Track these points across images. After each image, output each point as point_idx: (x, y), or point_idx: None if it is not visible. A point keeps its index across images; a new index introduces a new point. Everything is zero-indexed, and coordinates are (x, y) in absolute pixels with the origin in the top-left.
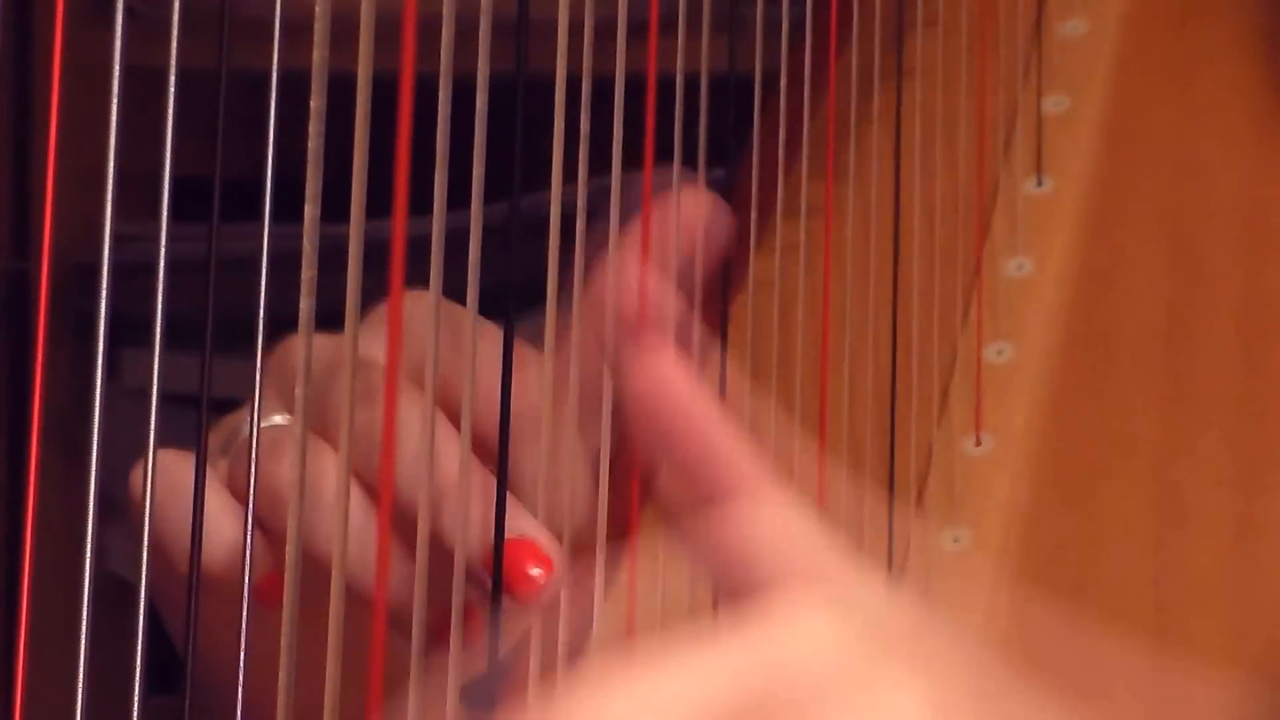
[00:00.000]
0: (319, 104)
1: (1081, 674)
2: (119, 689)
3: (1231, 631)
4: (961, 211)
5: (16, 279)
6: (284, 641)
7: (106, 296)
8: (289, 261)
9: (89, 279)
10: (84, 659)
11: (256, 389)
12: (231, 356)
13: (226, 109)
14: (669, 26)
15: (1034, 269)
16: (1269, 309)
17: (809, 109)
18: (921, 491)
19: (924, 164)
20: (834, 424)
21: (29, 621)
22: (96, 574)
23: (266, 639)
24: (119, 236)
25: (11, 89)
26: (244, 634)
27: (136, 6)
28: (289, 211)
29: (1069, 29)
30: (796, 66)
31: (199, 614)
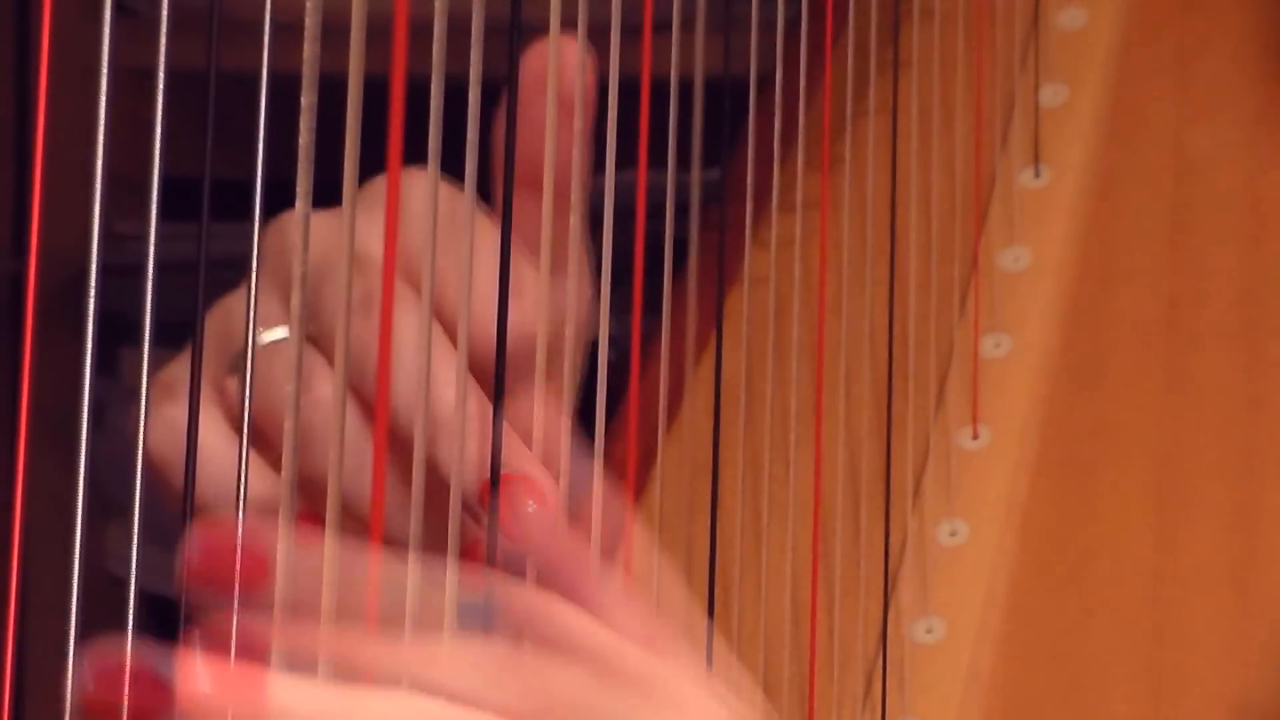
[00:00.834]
0: (310, 100)
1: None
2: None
3: (1231, 623)
4: (959, 203)
5: (16, 279)
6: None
7: (97, 295)
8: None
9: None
10: (73, 657)
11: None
12: None
13: (217, 108)
14: (663, 24)
15: (1031, 261)
16: (1267, 300)
17: (804, 102)
18: (918, 484)
19: (920, 156)
20: (831, 417)
21: (18, 621)
22: (92, 572)
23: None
24: (120, 236)
25: (11, 89)
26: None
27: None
28: (280, 211)
29: (1067, 19)
30: (792, 59)
31: None
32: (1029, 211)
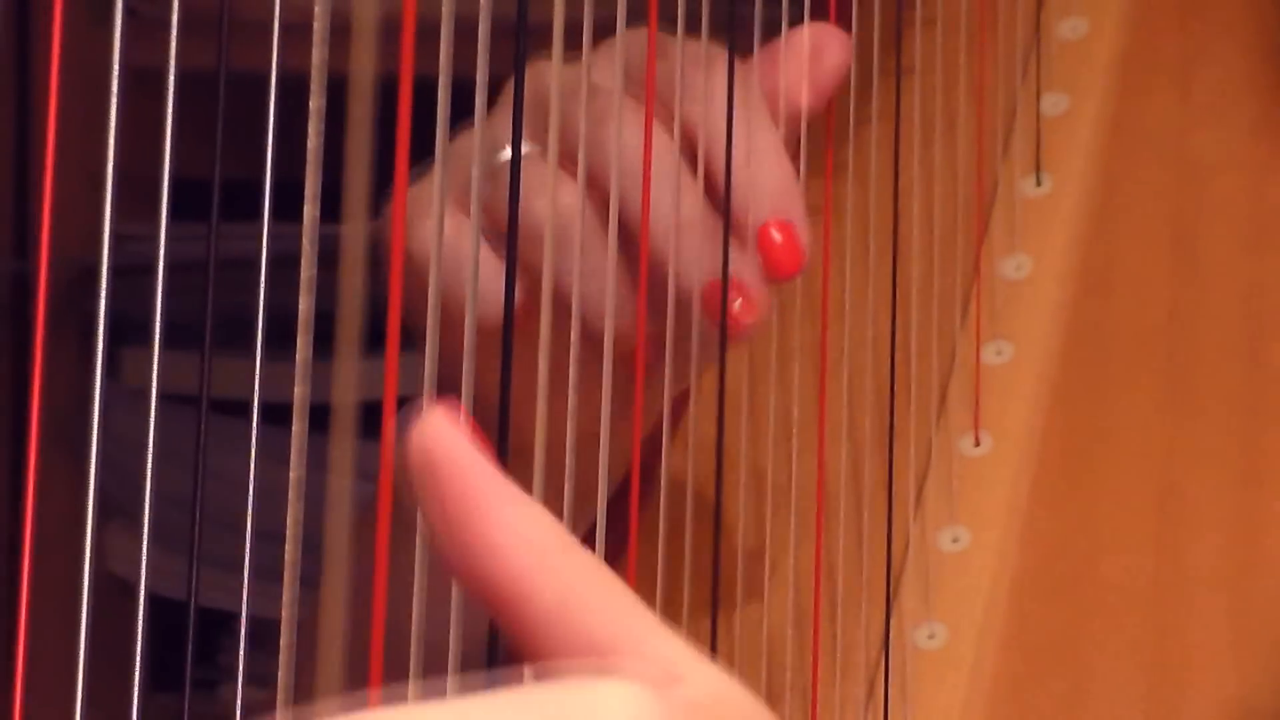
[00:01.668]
0: (318, 104)
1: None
2: (118, 688)
3: (1232, 630)
4: (960, 211)
5: (17, 279)
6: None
7: (106, 297)
8: (289, 261)
9: (90, 280)
10: (83, 658)
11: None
12: (231, 356)
13: (226, 109)
14: (668, 27)
15: (1033, 269)
16: (1269, 307)
17: None
18: (920, 492)
19: (923, 163)
20: (833, 424)
21: (28, 621)
22: (96, 574)
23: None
24: (120, 237)
25: (12, 89)
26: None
27: (137, 5)
28: (289, 211)
29: (1068, 28)
30: None
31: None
32: (1030, 220)
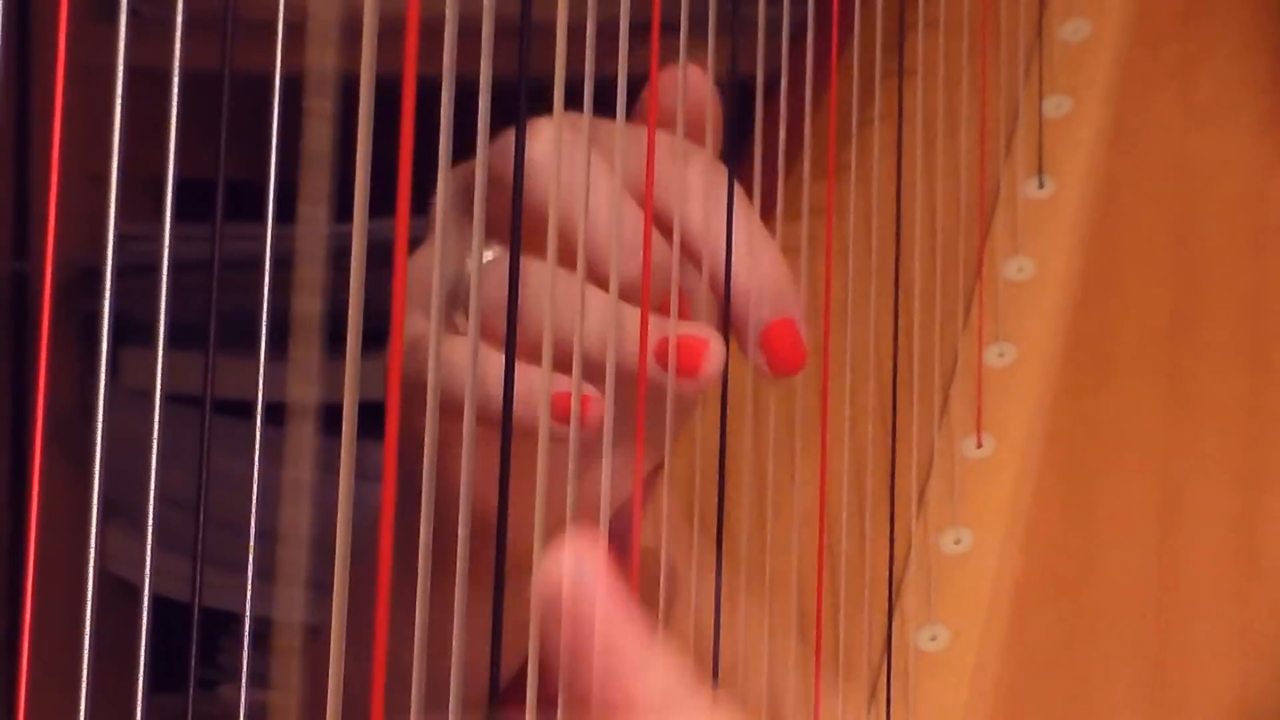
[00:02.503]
0: (320, 105)
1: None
2: (122, 689)
3: (1233, 632)
4: (963, 213)
5: (16, 279)
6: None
7: (110, 298)
8: (292, 262)
9: (91, 280)
10: (87, 659)
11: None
12: (234, 357)
13: (230, 109)
14: (671, 27)
15: (1035, 271)
16: (1271, 310)
17: (810, 109)
18: (922, 493)
19: (925, 165)
20: (835, 425)
21: (32, 622)
22: (99, 575)
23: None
24: (121, 237)
25: (11, 89)
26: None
27: (140, 6)
28: (292, 212)
29: (1070, 30)
30: (798, 67)
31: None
32: (1033, 222)
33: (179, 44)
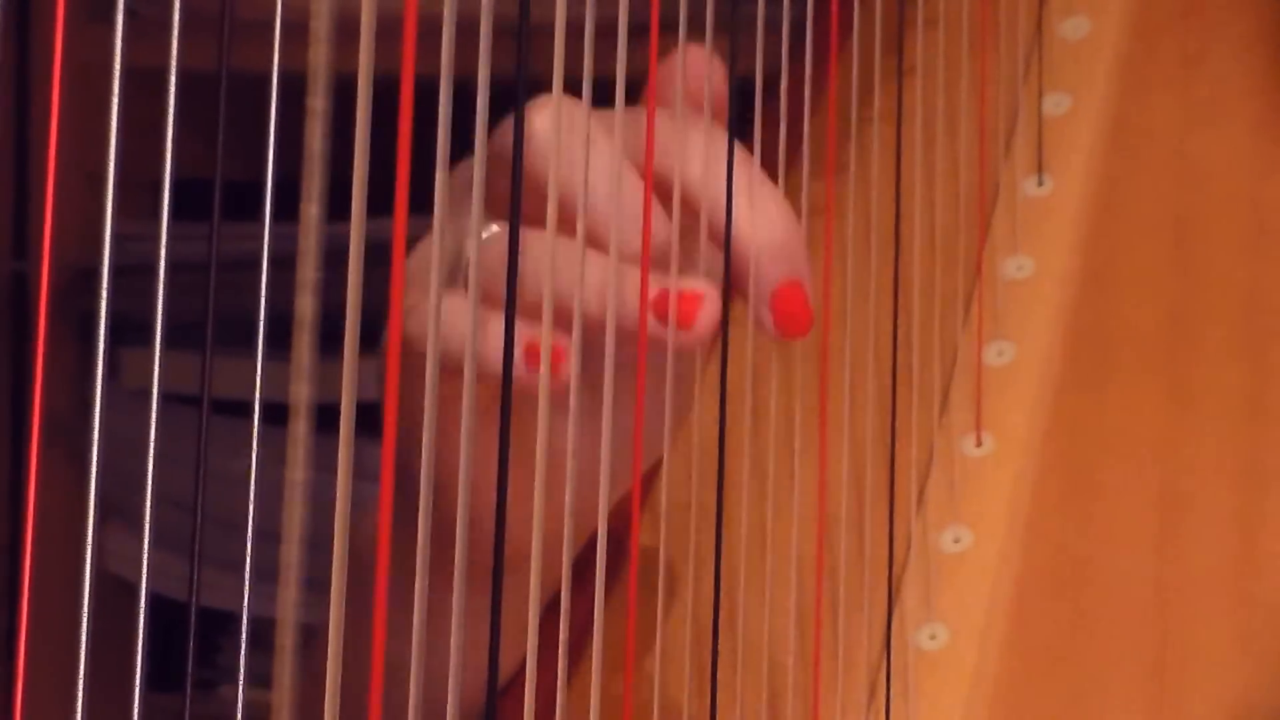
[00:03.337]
0: (319, 104)
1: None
2: (119, 689)
3: (1234, 631)
4: (962, 211)
5: (16, 279)
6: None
7: (107, 297)
8: (290, 262)
9: (89, 280)
10: (84, 658)
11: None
12: (232, 357)
13: (227, 109)
14: (670, 27)
15: (1035, 269)
16: (1270, 308)
17: (810, 108)
18: (922, 492)
19: (924, 164)
20: (834, 424)
21: (30, 621)
22: (96, 575)
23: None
24: (119, 237)
25: (11, 89)
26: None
27: (137, 6)
28: (290, 212)
29: (1070, 28)
30: (797, 66)
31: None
32: (1032, 220)
33: (176, 44)
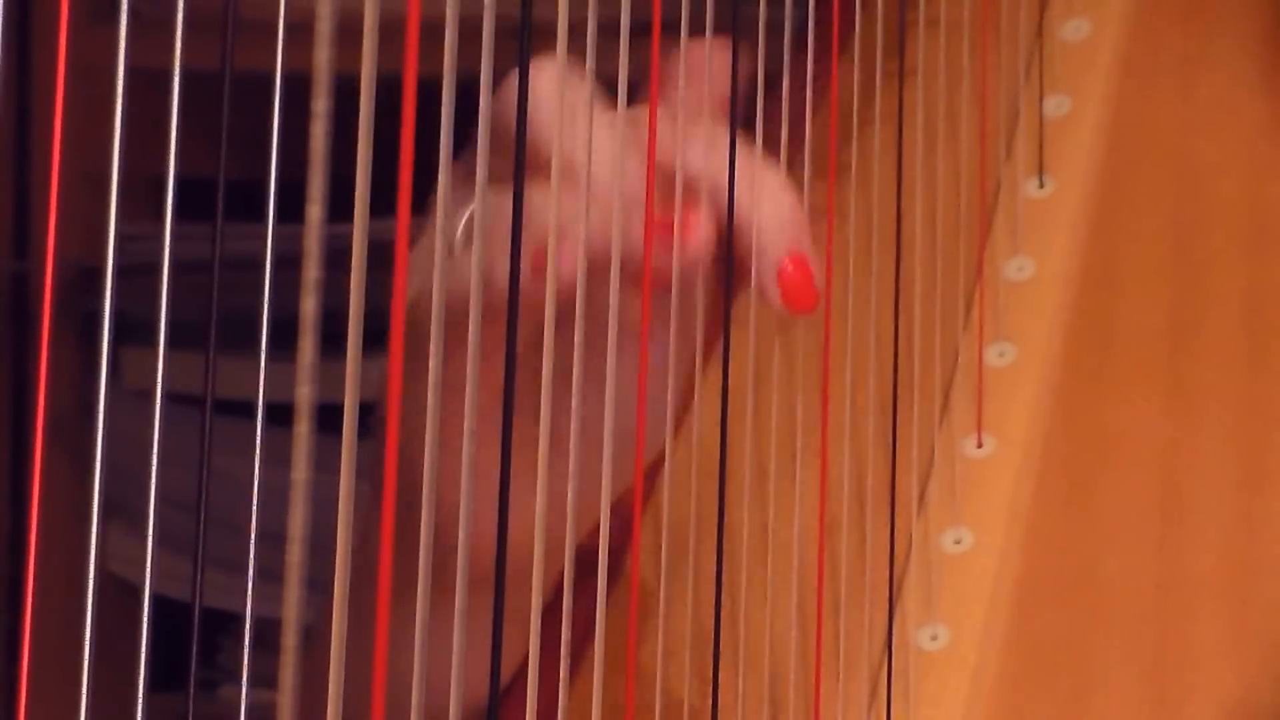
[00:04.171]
0: (322, 105)
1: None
2: (122, 688)
3: (1234, 631)
4: (963, 213)
5: (17, 279)
6: None
7: (111, 298)
8: (292, 262)
9: (91, 280)
10: (87, 659)
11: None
12: (234, 357)
13: (230, 109)
14: (671, 27)
15: (1036, 270)
16: (1271, 309)
17: (811, 110)
18: (923, 493)
19: (926, 165)
20: (836, 425)
21: (33, 621)
22: (99, 575)
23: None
24: (121, 237)
25: (12, 89)
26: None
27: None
28: (292, 212)
29: (1071, 30)
30: (798, 67)
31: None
32: (1033, 221)
33: (179, 44)
